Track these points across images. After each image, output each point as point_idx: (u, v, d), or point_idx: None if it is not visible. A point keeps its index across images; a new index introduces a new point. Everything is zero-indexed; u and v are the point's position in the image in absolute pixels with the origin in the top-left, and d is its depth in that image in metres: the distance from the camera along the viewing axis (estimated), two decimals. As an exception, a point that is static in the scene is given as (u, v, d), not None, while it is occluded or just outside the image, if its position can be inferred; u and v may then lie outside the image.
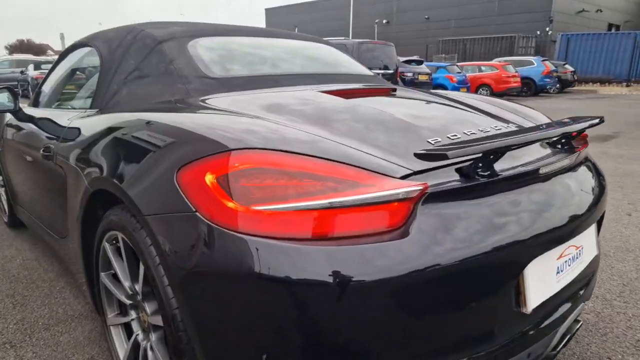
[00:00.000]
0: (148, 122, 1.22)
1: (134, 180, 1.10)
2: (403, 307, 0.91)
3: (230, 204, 0.92)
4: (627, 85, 20.45)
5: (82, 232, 1.45)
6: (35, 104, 2.38)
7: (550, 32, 27.09)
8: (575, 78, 19.29)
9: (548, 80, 16.90)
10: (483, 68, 15.95)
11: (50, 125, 1.91)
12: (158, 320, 1.17)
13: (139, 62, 1.66)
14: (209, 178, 0.96)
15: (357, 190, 0.91)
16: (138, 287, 1.25)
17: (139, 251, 1.11)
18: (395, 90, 1.78)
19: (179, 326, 1.03)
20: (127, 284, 1.31)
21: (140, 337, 1.33)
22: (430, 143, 1.15)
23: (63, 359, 1.64)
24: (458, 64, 16.35)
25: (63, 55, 2.27)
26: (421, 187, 0.93)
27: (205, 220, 0.93)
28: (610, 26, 32.10)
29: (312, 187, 0.92)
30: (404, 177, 0.98)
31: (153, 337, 1.22)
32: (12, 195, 2.69)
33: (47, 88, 2.36)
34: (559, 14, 27.90)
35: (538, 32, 27.31)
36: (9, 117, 2.53)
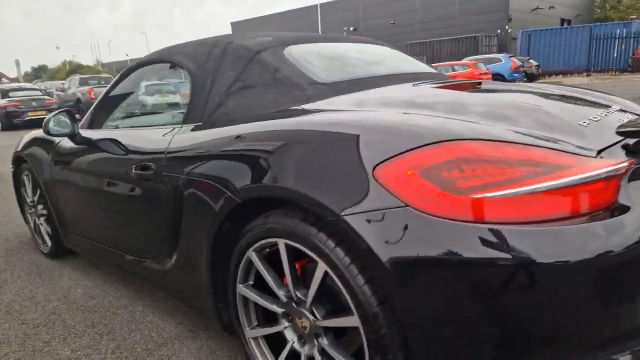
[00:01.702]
0: (318, 124, 1.22)
1: (315, 183, 1.10)
2: (614, 285, 0.94)
3: (444, 195, 0.94)
4: (588, 75, 21.53)
5: (214, 246, 1.43)
6: (94, 125, 2.31)
7: (510, 30, 28.28)
8: (540, 71, 20.23)
9: (516, 75, 17.65)
10: (456, 67, 16.50)
11: (138, 145, 1.87)
12: (336, 322, 1.16)
13: (238, 73, 1.66)
14: (415, 171, 0.98)
15: (567, 171, 0.95)
16: (302, 292, 1.24)
17: (320, 254, 1.11)
18: (480, 83, 1.84)
19: (381, 324, 1.03)
20: (281, 292, 1.29)
21: (297, 344, 1.31)
22: (583, 125, 1.21)
23: (185, 380, 1.60)
24: (433, 65, 16.84)
25: (124, 75, 2.22)
26: (626, 164, 0.97)
27: (420, 213, 0.95)
28: (562, 21, 33.77)
29: (519, 172, 0.95)
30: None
31: (325, 340, 1.22)
32: (61, 224, 2.59)
33: (109, 108, 2.30)
34: (516, 12, 29.17)
35: (499, 31, 28.45)
36: (57, 141, 2.45)
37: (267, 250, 1.30)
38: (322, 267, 1.13)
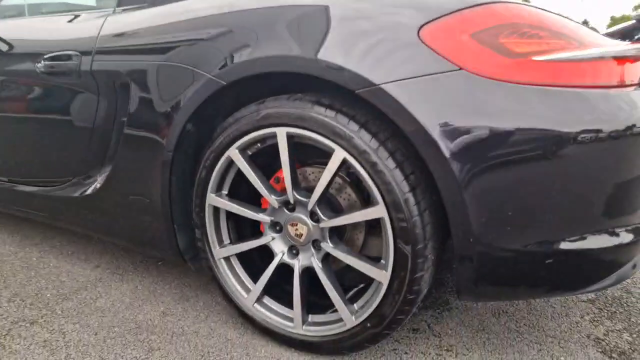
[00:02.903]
0: None
1: (342, 50, 0.91)
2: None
3: (502, 58, 0.86)
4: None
5: (175, 151, 1.14)
6: None
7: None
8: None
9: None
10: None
11: (45, 35, 1.42)
12: (351, 218, 1.01)
13: None
14: (467, 33, 0.87)
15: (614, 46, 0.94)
16: (301, 194, 1.06)
17: (340, 138, 0.94)
18: None
19: (412, 211, 0.92)
20: (273, 196, 1.09)
21: (288, 256, 1.13)
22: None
23: (123, 321, 1.29)
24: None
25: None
26: None
27: (477, 77, 0.85)
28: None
29: (558, 44, 0.91)
30: None
31: (330, 244, 1.05)
32: None
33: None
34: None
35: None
36: None
37: (259, 145, 1.08)
38: (339, 155, 0.96)
